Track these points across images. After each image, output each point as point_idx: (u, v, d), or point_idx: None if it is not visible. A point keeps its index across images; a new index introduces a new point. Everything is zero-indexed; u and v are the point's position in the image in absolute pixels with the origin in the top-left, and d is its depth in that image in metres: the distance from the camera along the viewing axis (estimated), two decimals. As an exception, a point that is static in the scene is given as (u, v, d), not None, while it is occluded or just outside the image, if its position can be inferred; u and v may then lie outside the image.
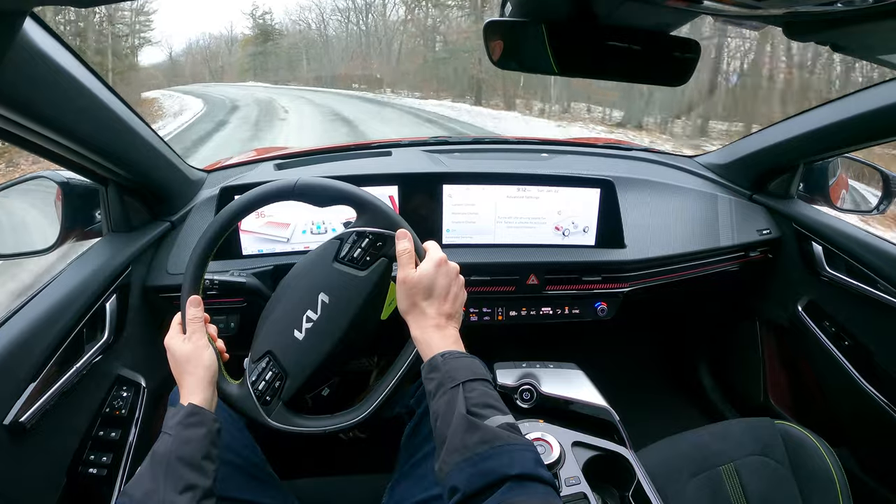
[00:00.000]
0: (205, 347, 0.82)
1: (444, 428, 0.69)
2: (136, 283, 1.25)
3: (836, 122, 1.28)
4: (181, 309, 0.85)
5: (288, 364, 0.86)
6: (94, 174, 1.13)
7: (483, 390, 0.72)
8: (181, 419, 0.74)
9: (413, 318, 0.81)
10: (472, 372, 0.73)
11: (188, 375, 0.80)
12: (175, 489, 0.68)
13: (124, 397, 1.18)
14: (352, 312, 0.87)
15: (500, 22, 0.77)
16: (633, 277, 1.45)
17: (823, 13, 0.61)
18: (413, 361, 0.87)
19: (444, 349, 0.77)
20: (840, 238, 1.39)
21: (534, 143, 1.87)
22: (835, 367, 1.40)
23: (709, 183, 1.69)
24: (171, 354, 0.83)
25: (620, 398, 1.24)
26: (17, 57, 0.70)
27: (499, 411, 0.70)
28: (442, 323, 0.80)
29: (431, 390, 0.74)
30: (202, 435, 0.74)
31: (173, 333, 0.84)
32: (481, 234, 1.41)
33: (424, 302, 0.81)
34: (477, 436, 0.66)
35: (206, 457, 0.73)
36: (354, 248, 0.87)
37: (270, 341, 0.87)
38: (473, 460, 0.64)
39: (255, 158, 1.68)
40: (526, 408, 1.20)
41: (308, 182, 0.87)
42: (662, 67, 0.81)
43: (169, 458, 0.70)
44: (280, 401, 0.85)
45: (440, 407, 0.71)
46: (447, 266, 0.84)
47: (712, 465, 1.11)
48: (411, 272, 0.82)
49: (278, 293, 0.92)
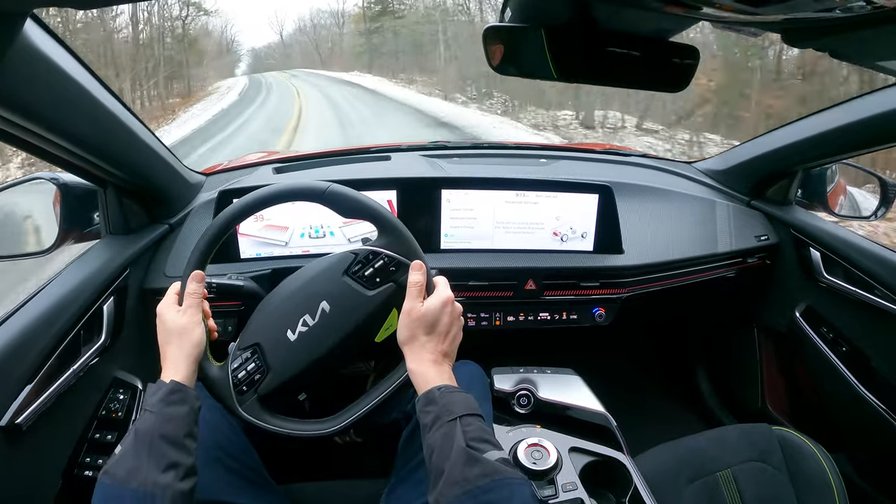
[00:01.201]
0: (197, 324, 0.82)
1: (440, 461, 0.70)
2: (133, 286, 1.25)
3: (834, 129, 1.28)
4: (182, 281, 0.84)
5: (273, 361, 0.86)
6: (92, 176, 1.12)
7: (479, 425, 0.73)
8: (163, 396, 0.74)
9: (411, 351, 0.82)
10: (468, 407, 0.74)
11: (175, 348, 0.79)
12: (158, 467, 0.67)
13: (121, 400, 1.17)
14: (349, 327, 0.87)
15: (499, 27, 0.77)
16: (631, 283, 1.45)
17: (821, 19, 0.61)
18: (402, 383, 0.87)
19: (440, 383, 0.78)
20: (838, 244, 1.39)
21: (532, 148, 1.88)
22: (832, 373, 1.40)
23: (707, 189, 1.69)
24: (161, 323, 0.82)
25: (618, 404, 1.24)
26: (16, 58, 0.70)
27: (494, 447, 0.71)
28: (439, 360, 0.81)
29: (427, 423, 0.74)
30: (185, 413, 0.74)
31: (168, 303, 0.84)
32: (479, 239, 1.41)
33: (425, 336, 0.82)
34: (477, 469, 0.66)
35: (188, 434, 0.73)
36: (367, 267, 0.88)
37: (261, 334, 0.87)
38: (474, 493, 0.65)
39: (254, 162, 1.68)
40: (523, 413, 1.20)
41: (339, 190, 0.86)
42: (661, 73, 0.81)
43: (152, 436, 0.70)
44: (255, 394, 0.85)
45: (436, 440, 0.72)
46: (453, 307, 0.85)
47: (709, 471, 1.11)
48: (418, 305, 0.83)
49: (280, 289, 0.92)
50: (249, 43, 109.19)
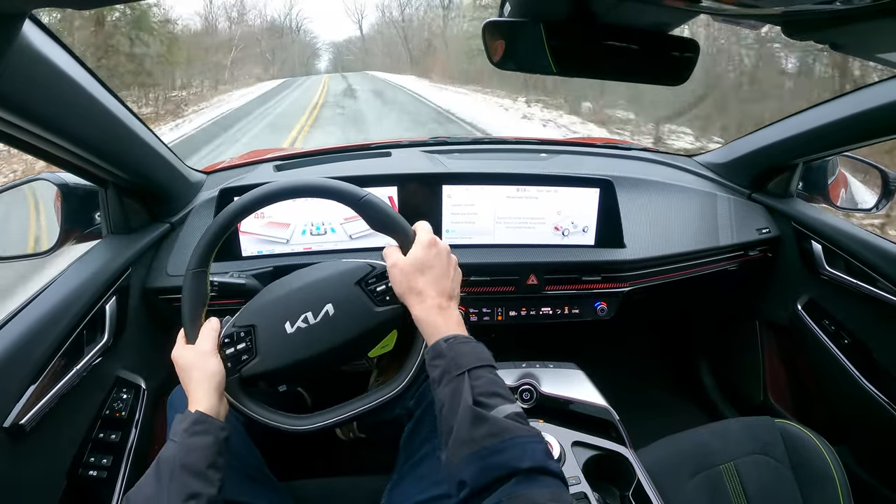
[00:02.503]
0: (211, 354, 0.81)
1: (450, 417, 0.68)
2: (135, 285, 1.25)
3: (835, 121, 1.28)
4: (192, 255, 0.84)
5: (263, 346, 0.85)
6: (93, 176, 1.12)
7: (489, 378, 0.71)
8: (187, 426, 0.74)
9: (412, 299, 0.80)
10: (477, 358, 0.72)
11: (195, 382, 0.79)
12: (179, 497, 0.67)
13: (124, 399, 1.18)
14: (347, 336, 0.87)
15: (498, 22, 0.77)
16: (632, 277, 1.45)
17: (821, 12, 0.61)
18: (388, 399, 0.87)
19: (448, 333, 0.76)
20: (840, 236, 1.39)
21: (533, 143, 1.88)
22: (834, 366, 1.40)
23: (708, 182, 1.69)
24: (177, 365, 0.82)
25: (620, 398, 1.24)
26: (16, 59, 0.69)
27: (506, 400, 0.69)
28: (444, 303, 0.79)
29: (436, 378, 0.73)
30: (209, 443, 0.73)
31: (179, 345, 0.84)
32: (481, 235, 1.41)
33: (421, 279, 0.80)
34: (484, 428, 0.65)
35: (211, 465, 0.72)
36: (381, 283, 0.87)
37: (259, 317, 0.87)
38: (482, 454, 0.63)
39: (255, 160, 1.67)
40: (526, 408, 1.20)
41: (375, 202, 0.86)
42: (661, 67, 0.81)
43: (174, 465, 0.70)
44: (238, 374, 0.84)
45: (445, 395, 0.70)
46: (438, 247, 0.84)
47: (712, 464, 1.11)
48: (401, 257, 0.82)
49: (290, 280, 0.91)
50: (328, 36, 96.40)
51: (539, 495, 0.60)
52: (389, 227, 0.86)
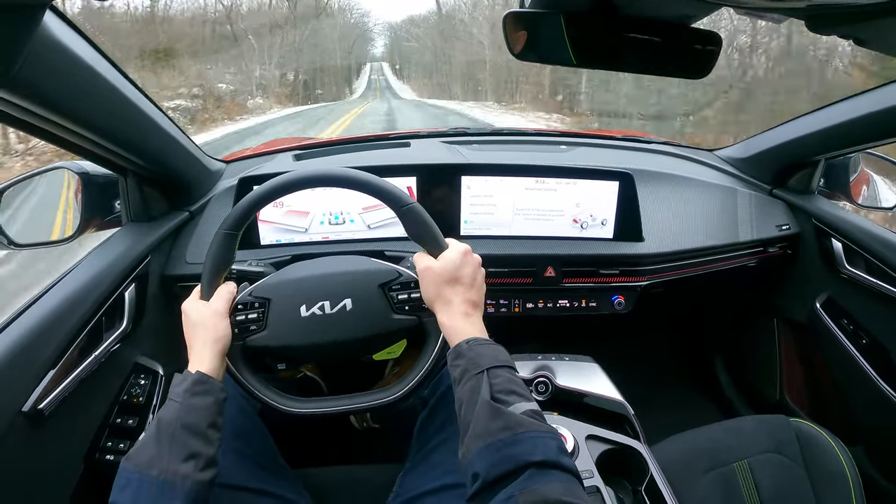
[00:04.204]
0: (223, 316, 0.83)
1: (468, 414, 0.69)
2: (154, 273, 1.26)
3: (857, 117, 1.26)
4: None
5: (273, 322, 0.86)
6: (113, 164, 1.14)
7: (507, 377, 0.72)
8: (188, 387, 0.75)
9: (440, 306, 0.82)
10: (496, 359, 0.74)
11: (199, 341, 0.81)
12: (179, 457, 0.68)
13: (142, 385, 1.19)
14: (357, 335, 0.87)
15: (520, 13, 0.76)
16: (650, 271, 1.44)
17: (846, 5, 0.60)
18: (386, 404, 0.88)
19: (470, 336, 0.77)
20: (860, 235, 1.37)
21: (552, 135, 1.87)
22: (852, 366, 1.39)
23: (728, 177, 1.67)
24: (185, 316, 0.84)
25: (635, 392, 1.24)
26: (36, 49, 0.70)
27: (523, 398, 0.70)
28: (469, 311, 0.81)
29: (456, 377, 0.74)
30: (209, 404, 0.75)
31: (193, 298, 0.85)
32: (499, 226, 1.40)
33: (450, 289, 0.81)
34: (500, 422, 0.66)
35: (211, 425, 0.73)
36: (403, 292, 0.88)
37: (277, 293, 0.88)
38: (496, 446, 0.64)
39: (274, 149, 1.68)
40: (541, 400, 1.21)
41: (419, 211, 0.85)
42: (682, 60, 0.80)
43: (175, 425, 0.71)
44: (242, 342, 0.85)
45: (465, 393, 0.71)
46: (472, 256, 0.85)
47: (726, 462, 1.10)
48: (433, 262, 0.83)
49: (316, 265, 0.92)
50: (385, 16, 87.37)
51: (551, 490, 0.60)
52: (427, 238, 0.86)
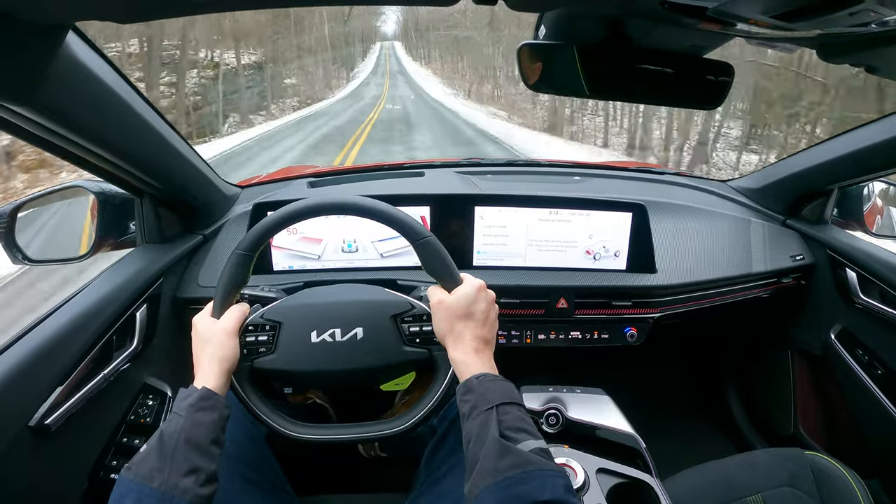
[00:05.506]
0: (232, 335, 0.83)
1: (476, 450, 0.69)
2: (166, 294, 1.27)
3: (870, 146, 1.25)
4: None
5: (283, 346, 0.86)
6: (130, 185, 1.15)
7: (517, 414, 0.72)
8: (194, 402, 0.75)
9: (451, 341, 0.82)
10: (506, 395, 0.73)
11: (207, 357, 0.81)
12: (181, 471, 0.68)
13: (150, 406, 1.19)
14: (366, 364, 0.87)
15: (534, 45, 0.77)
16: (663, 303, 1.43)
17: (857, 34, 0.60)
18: (386, 436, 0.88)
19: (480, 371, 0.77)
20: (875, 264, 1.35)
21: (566, 165, 1.87)
22: (867, 397, 1.36)
23: (742, 207, 1.67)
24: (195, 331, 0.84)
25: (647, 425, 1.22)
26: (59, 69, 0.72)
27: (531, 436, 0.69)
28: (480, 347, 0.81)
29: (465, 412, 0.74)
30: (213, 420, 0.75)
31: (204, 313, 0.86)
32: (512, 257, 1.40)
33: (462, 325, 0.81)
34: (509, 459, 0.65)
35: (213, 441, 0.73)
36: (415, 324, 0.88)
37: (288, 317, 0.88)
38: (504, 484, 0.63)
39: (289, 176, 1.70)
40: (552, 433, 1.19)
41: (435, 245, 0.85)
42: (695, 90, 0.81)
43: (178, 439, 0.71)
44: (250, 364, 0.86)
45: (473, 429, 0.71)
46: (486, 292, 0.85)
47: (739, 496, 1.08)
48: (447, 296, 0.83)
49: (330, 292, 0.93)
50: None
51: None
52: (442, 272, 0.86)
